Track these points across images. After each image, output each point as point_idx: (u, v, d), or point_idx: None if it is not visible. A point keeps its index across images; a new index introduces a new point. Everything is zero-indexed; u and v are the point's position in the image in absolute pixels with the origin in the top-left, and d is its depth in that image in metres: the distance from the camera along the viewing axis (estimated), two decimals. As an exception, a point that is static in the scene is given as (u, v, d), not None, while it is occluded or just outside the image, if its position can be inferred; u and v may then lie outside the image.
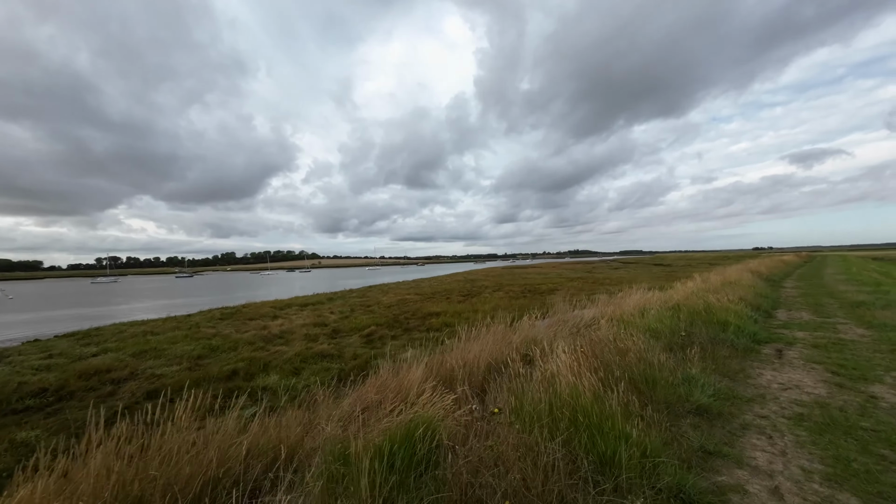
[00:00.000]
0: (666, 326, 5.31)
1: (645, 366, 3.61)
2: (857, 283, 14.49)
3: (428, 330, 15.38)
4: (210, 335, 15.00)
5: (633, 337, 4.14)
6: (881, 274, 24.20)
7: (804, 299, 11.04)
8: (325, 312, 21.01)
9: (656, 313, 5.91)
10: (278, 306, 24.21)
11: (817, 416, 3.60)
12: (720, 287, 10.00)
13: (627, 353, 3.76)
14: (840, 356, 5.34)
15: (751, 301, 8.56)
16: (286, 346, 13.05)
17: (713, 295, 7.65)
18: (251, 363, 10.70)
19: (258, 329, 16.04)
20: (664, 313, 5.93)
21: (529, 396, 2.84)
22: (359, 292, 33.26)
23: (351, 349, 12.31)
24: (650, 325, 5.35)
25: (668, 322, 5.52)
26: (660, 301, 7.04)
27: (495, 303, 22.49)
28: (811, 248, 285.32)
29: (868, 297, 9.55)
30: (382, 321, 17.15)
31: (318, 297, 29.50)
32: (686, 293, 8.15)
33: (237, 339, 13.88)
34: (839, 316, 8.25)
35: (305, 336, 14.32)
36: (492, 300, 23.71)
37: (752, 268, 18.64)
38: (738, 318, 6.44)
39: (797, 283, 16.91)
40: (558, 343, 3.61)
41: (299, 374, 9.89)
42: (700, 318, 6.06)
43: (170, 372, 10.25)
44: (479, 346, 4.22)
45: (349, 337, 14.31)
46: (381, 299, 26.74)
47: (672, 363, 4.05)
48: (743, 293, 9.15)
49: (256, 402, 8.10)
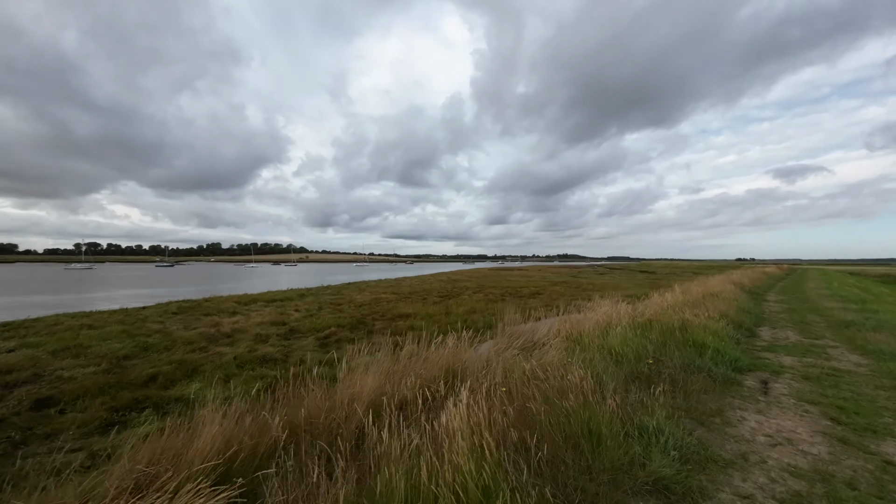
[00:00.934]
0: (631, 349, 4.39)
1: (589, 413, 2.64)
2: (842, 299, 13.94)
3: (393, 333, 14.31)
4: (152, 332, 13.68)
5: (580, 369, 3.15)
6: (861, 290, 24.00)
7: (789, 315, 10.33)
8: (290, 310, 19.77)
9: (623, 332, 4.98)
10: (243, 301, 22.87)
11: (819, 496, 2.57)
12: (700, 300, 9.20)
13: (567, 394, 2.79)
14: (837, 393, 4.44)
15: (732, 317, 7.74)
16: (230, 347, 11.84)
17: (691, 310, 6.77)
18: (179, 367, 9.50)
19: (209, 326, 14.77)
20: (630, 332, 5.00)
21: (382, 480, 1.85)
22: (335, 289, 32.01)
23: (300, 353, 11.18)
24: (613, 346, 4.43)
25: (635, 344, 4.59)
26: (630, 316, 6.11)
27: (471, 305, 21.54)
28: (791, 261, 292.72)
29: (856, 317, 8.86)
30: (347, 322, 16.03)
31: (290, 292, 28.16)
32: (661, 306, 7.26)
33: (178, 338, 12.61)
34: (828, 337, 7.49)
35: (256, 336, 13.12)
36: (468, 302, 22.77)
37: (735, 279, 18.08)
38: (718, 339, 5.55)
39: (780, 296, 16.36)
40: (470, 381, 2.63)
41: (228, 382, 8.73)
42: (674, 338, 5.16)
43: (81, 375, 8.97)
44: (374, 381, 3.24)
45: (304, 339, 13.17)
46: (354, 297, 25.57)
47: (629, 405, 3.09)
48: (724, 307, 8.35)
49: (158, 417, 6.94)
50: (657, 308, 6.93)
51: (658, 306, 7.18)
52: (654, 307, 7.01)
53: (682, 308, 7.10)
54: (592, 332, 4.89)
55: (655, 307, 7.01)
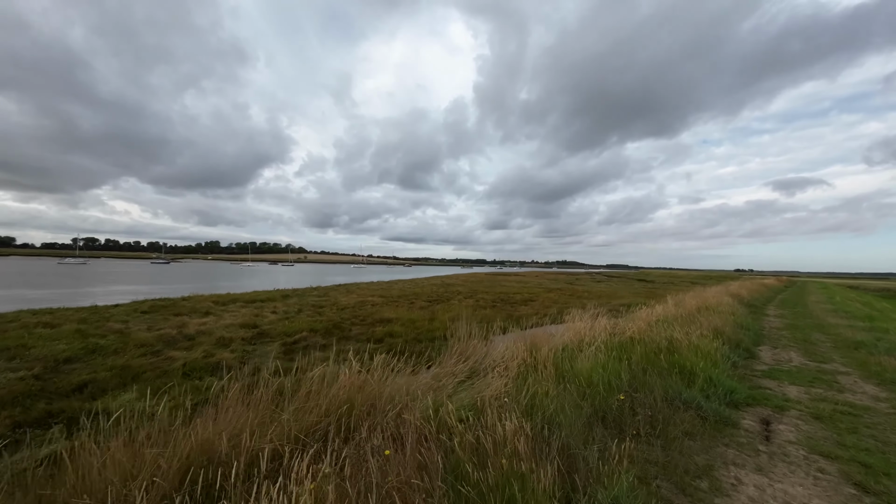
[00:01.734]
0: (601, 378, 3.53)
1: (514, 490, 1.79)
2: (847, 315, 13.11)
3: (368, 340, 13.45)
4: (109, 332, 12.79)
5: (516, 416, 2.26)
6: (864, 304, 23.17)
7: (791, 333, 9.48)
8: (267, 312, 18.88)
9: (595, 354, 4.12)
10: (222, 301, 21.97)
11: None
12: (694, 313, 8.34)
13: (488, 456, 1.94)
14: (857, 442, 3.54)
15: (729, 334, 6.87)
16: (187, 351, 10.96)
17: (682, 326, 5.89)
18: (119, 373, 8.61)
19: (173, 327, 13.87)
20: (605, 355, 4.14)
21: None
22: (322, 291, 31.12)
23: (259, 360, 10.30)
24: (580, 373, 3.58)
25: (608, 370, 3.73)
26: (608, 333, 5.25)
27: (458, 312, 20.64)
28: (790, 273, 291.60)
29: (866, 337, 8.01)
30: (322, 326, 15.13)
31: (274, 293, 27.26)
32: (648, 321, 6.38)
33: (134, 340, 11.71)
34: (836, 361, 6.64)
35: (218, 340, 12.23)
36: (456, 308, 21.87)
37: (733, 291, 17.22)
38: (711, 364, 4.66)
39: (780, 310, 15.50)
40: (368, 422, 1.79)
41: (170, 392, 7.84)
42: (658, 363, 4.30)
43: (5, 381, 8.08)
44: (239, 418, 2.41)
45: (271, 344, 12.27)
46: (339, 300, 24.69)
47: (585, 464, 2.22)
48: (720, 323, 7.50)
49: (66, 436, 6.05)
50: (643, 323, 6.04)
51: (644, 321, 6.28)
52: (640, 322, 6.11)
53: (672, 324, 6.23)
54: (558, 353, 4.03)
55: (641, 322, 6.11)
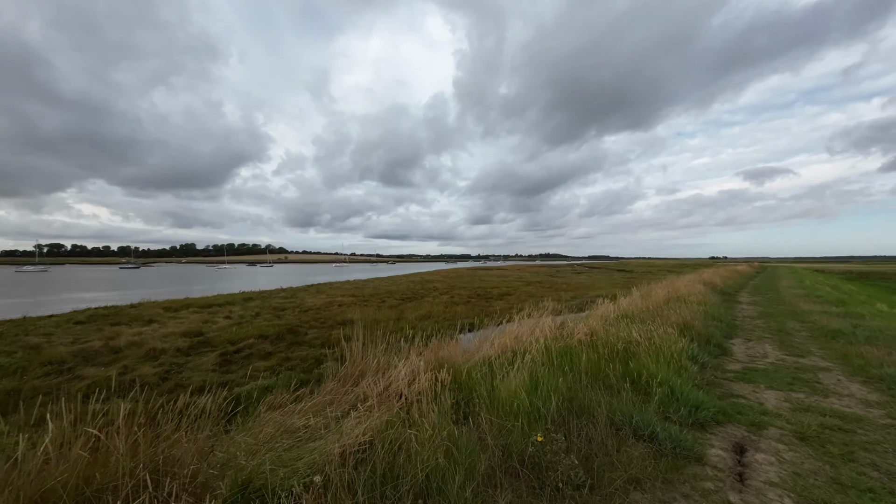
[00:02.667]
0: (526, 404, 2.60)
1: None
2: (819, 300, 12.78)
3: (323, 345, 12.34)
4: (21, 347, 11.27)
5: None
6: (833, 287, 23.37)
7: (765, 322, 8.91)
8: (220, 317, 17.46)
9: (531, 365, 3.22)
10: (174, 307, 20.34)
11: None
12: (662, 305, 7.62)
13: None
14: (857, 477, 2.38)
15: (699, 329, 6.11)
16: (104, 367, 9.63)
17: (643, 325, 5.01)
18: (3, 399, 7.27)
19: (102, 340, 12.40)
20: (543, 367, 3.23)
21: None
22: (290, 292, 29.61)
23: (187, 375, 9.09)
24: (501, 396, 2.66)
25: (541, 390, 2.82)
26: (554, 336, 4.37)
27: (429, 309, 19.72)
28: (761, 259, 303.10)
29: (842, 324, 7.46)
30: (274, 331, 13.91)
31: (235, 296, 25.66)
32: (606, 318, 5.52)
33: (48, 356, 10.26)
34: (815, 353, 5.99)
35: (148, 352, 10.88)
36: (428, 306, 20.91)
37: (706, 278, 16.82)
38: (674, 371, 3.81)
39: (753, 297, 15.14)
40: None
41: (42, 425, 6.59)
42: (609, 372, 3.45)
43: None
44: None
45: (209, 354, 11.02)
46: (306, 301, 23.37)
47: None
48: (689, 315, 6.78)
49: None
50: (598, 322, 5.18)
51: (600, 319, 5.41)
52: (595, 321, 5.25)
53: (635, 320, 5.43)
54: (479, 367, 3.12)
55: (596, 321, 5.25)
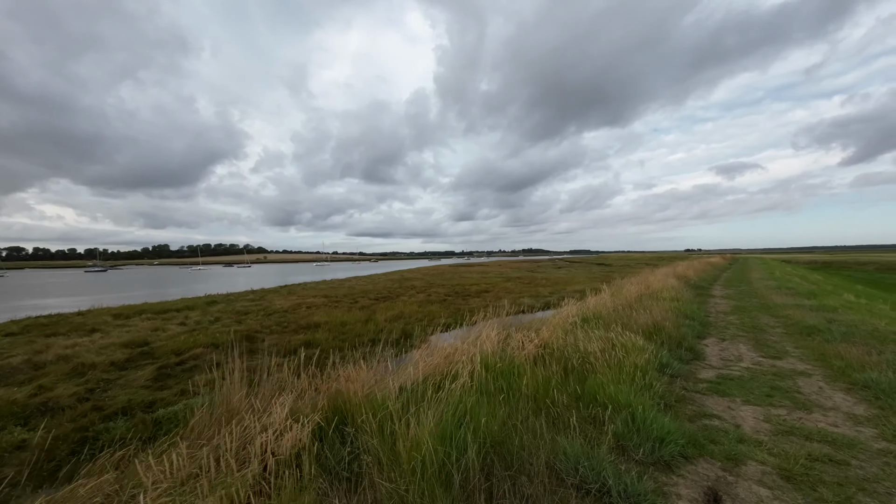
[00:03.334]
0: (438, 457, 1.92)
1: None
2: (790, 292, 12.70)
3: (280, 353, 11.42)
4: (-75, 367, 9.89)
5: None
6: (801, 278, 23.85)
7: (738, 317, 8.57)
8: (173, 324, 16.21)
9: (461, 392, 2.53)
10: (126, 314, 18.86)
11: None
12: (633, 303, 7.13)
13: None
14: None
15: (670, 330, 5.58)
16: (18, 386, 8.46)
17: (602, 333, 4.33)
18: None
19: (27, 354, 11.10)
20: (473, 396, 2.54)
21: None
22: (258, 294, 28.24)
23: (112, 393, 8.06)
24: (411, 445, 1.94)
25: (470, 423, 2.11)
26: (499, 350, 3.70)
27: (401, 310, 18.93)
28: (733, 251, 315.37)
29: (817, 319, 7.12)
30: (228, 338, 12.83)
31: (199, 300, 24.20)
32: (565, 323, 4.86)
33: (-48, 376, 8.98)
34: (792, 353, 5.56)
35: (75, 368, 9.73)
36: (400, 306, 20.11)
37: (680, 272, 16.66)
38: (637, 389, 3.17)
39: (727, 290, 15.03)
40: None
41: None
42: (554, 395, 2.82)
43: None
44: None
45: (145, 368, 9.95)
46: (274, 304, 22.17)
47: None
48: (661, 314, 6.28)
49: None
50: (557, 328, 4.51)
51: (560, 325, 4.71)
52: (552, 328, 4.55)
53: (600, 322, 4.83)
54: (387, 402, 2.40)
55: (554, 328, 4.56)
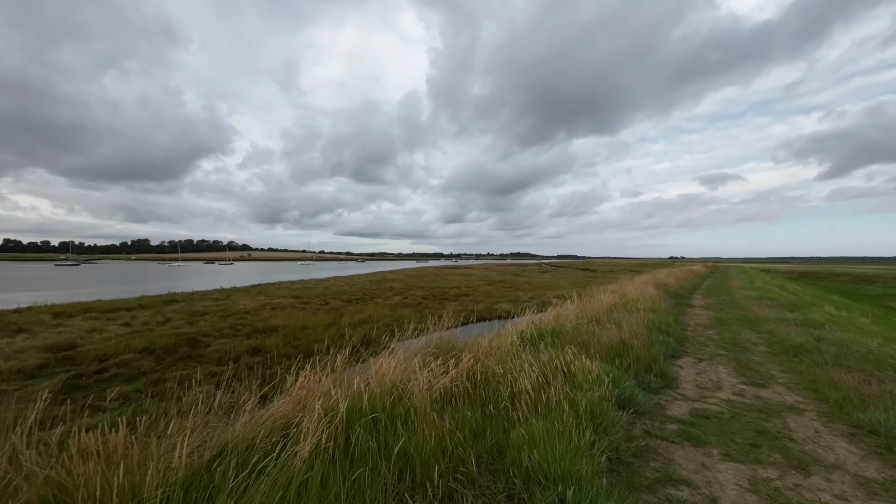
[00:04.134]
0: None
1: None
2: (772, 303, 12.15)
3: (221, 359, 10.29)
4: None
5: None
6: (781, 288, 23.67)
7: (719, 332, 7.85)
8: (117, 324, 14.88)
9: (314, 455, 1.61)
10: (69, 312, 17.32)
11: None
12: (603, 315, 6.31)
13: None
14: None
15: (638, 350, 4.69)
16: None
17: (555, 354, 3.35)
18: None
19: (-74, 358, 9.69)
20: (327, 460, 1.63)
21: None
22: (224, 293, 26.79)
23: (-4, 411, 6.85)
24: None
25: None
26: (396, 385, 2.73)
27: (371, 313, 17.86)
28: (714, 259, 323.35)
29: (803, 337, 6.40)
30: (168, 343, 11.65)
31: (156, 298, 22.67)
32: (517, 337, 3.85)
33: None
34: (779, 380, 4.78)
35: (-29, 376, 8.42)
36: (372, 309, 19.04)
37: (660, 279, 16.07)
38: (578, 447, 2.26)
39: (707, 299, 14.46)
40: None
41: None
42: (458, 462, 1.93)
43: None
44: None
45: (56, 376, 8.71)
46: (237, 304, 20.85)
47: None
48: (632, 328, 5.47)
49: None
50: (498, 348, 3.43)
51: (502, 344, 3.64)
52: (492, 349, 3.43)
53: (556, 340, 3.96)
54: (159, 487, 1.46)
55: (494, 348, 3.45)
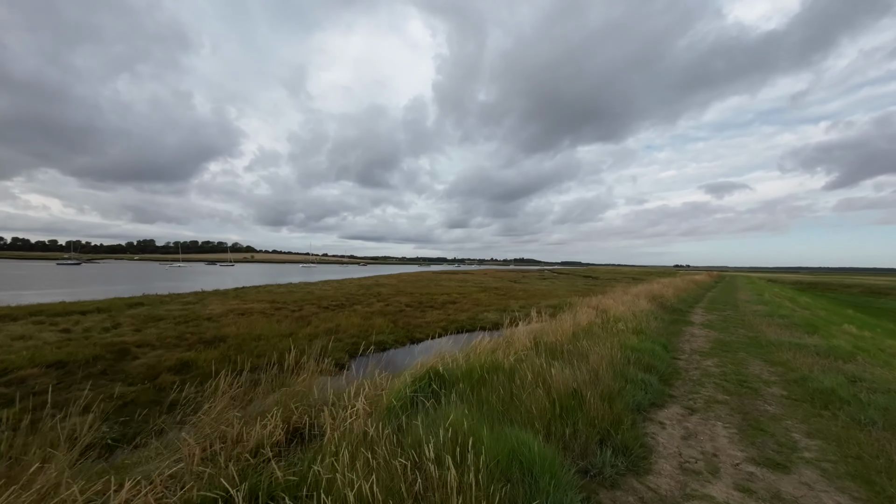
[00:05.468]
0: None
1: None
2: (784, 322, 10.53)
3: (146, 378, 8.88)
4: None
5: None
6: (791, 301, 21.91)
7: (720, 364, 6.24)
8: (56, 330, 13.63)
9: None
10: (16, 315, 16.10)
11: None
12: (568, 341, 4.82)
13: None
14: None
15: (596, 407, 3.13)
16: None
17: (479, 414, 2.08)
18: None
19: None
20: None
21: None
22: (197, 296, 25.50)
23: None
24: None
25: None
26: None
27: (341, 321, 16.40)
28: (720, 268, 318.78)
29: (832, 378, 4.73)
30: (89, 354, 10.27)
31: (119, 301, 21.42)
32: (390, 398, 2.50)
33: None
34: (808, 456, 3.14)
35: None
36: (344, 318, 17.55)
37: (656, 291, 14.35)
38: None
39: (708, 315, 12.79)
40: None
41: None
42: None
43: None
44: None
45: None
46: (206, 309, 19.52)
47: None
48: (602, 361, 3.95)
49: None
50: (351, 418, 2.07)
51: (353, 422, 2.22)
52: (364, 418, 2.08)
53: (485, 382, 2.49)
54: None
55: (368, 415, 2.11)
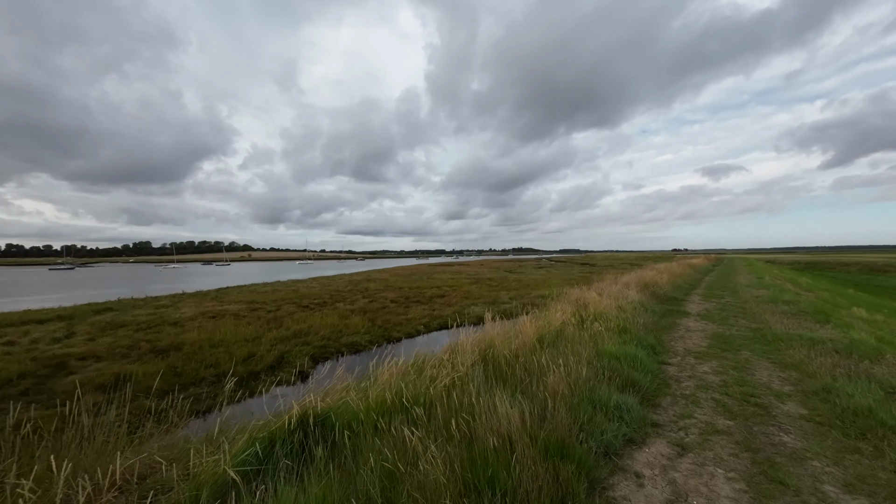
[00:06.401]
0: None
1: None
2: (790, 308, 9.44)
3: (59, 401, 7.87)
4: None
5: None
6: (793, 283, 20.91)
7: (719, 367, 5.16)
8: (16, 336, 12.44)
9: None
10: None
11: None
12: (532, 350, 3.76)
13: None
14: None
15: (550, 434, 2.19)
16: None
17: None
18: None
19: None
20: None
21: None
22: (175, 298, 24.45)
23: None
24: None
25: None
26: None
27: (315, 322, 15.35)
28: (718, 251, 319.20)
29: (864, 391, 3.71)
30: (10, 372, 9.20)
31: (85, 307, 20.34)
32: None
33: None
34: None
35: None
36: (318, 318, 16.50)
37: (650, 278, 13.21)
38: None
39: (706, 303, 11.71)
40: None
41: None
42: None
43: None
44: None
45: None
46: (177, 313, 18.48)
47: None
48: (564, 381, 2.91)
49: None
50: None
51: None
52: None
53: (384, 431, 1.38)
54: None
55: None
